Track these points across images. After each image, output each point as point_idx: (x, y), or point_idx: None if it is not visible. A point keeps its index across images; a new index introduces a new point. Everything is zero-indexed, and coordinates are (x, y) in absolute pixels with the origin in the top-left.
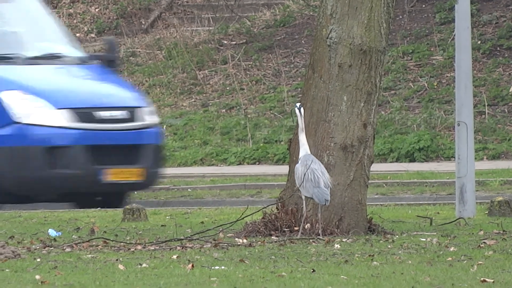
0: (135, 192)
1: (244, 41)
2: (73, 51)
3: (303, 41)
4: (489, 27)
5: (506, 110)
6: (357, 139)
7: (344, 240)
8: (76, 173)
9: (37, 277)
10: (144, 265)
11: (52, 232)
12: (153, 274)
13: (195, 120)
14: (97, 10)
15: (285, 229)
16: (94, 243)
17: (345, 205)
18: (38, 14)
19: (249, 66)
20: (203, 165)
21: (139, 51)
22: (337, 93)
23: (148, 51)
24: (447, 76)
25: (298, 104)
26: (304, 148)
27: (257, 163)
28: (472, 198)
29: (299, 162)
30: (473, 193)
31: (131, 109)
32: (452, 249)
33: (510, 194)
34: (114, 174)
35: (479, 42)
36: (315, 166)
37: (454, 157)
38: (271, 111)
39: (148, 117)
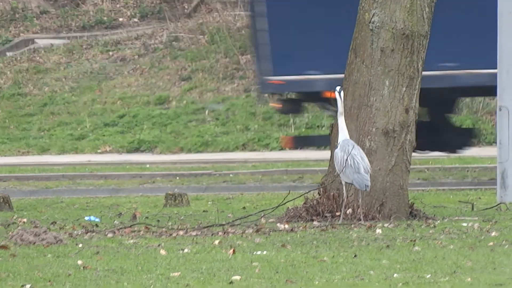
0: None
1: None
2: None
3: None
4: None
5: None
6: (398, 124)
7: (385, 225)
8: None
9: (79, 262)
10: (186, 250)
11: (91, 218)
12: (195, 259)
13: (237, 105)
14: None
15: (327, 214)
16: (136, 228)
17: (386, 190)
18: None
19: None
20: (245, 150)
21: (182, 35)
22: (379, 78)
23: (190, 35)
24: None
25: (338, 88)
26: (343, 133)
27: (299, 148)
28: None
29: (338, 147)
30: None
31: None
32: (493, 234)
33: None
34: None
35: None
36: (354, 152)
37: (496, 142)
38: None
39: None
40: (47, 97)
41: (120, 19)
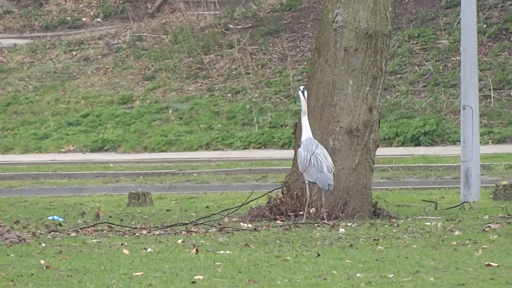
0: None
1: (250, 25)
2: None
3: (309, 25)
4: (495, 11)
5: (511, 94)
6: (362, 123)
7: (349, 224)
8: None
9: (42, 261)
10: (149, 249)
11: (54, 217)
12: (158, 259)
13: (200, 104)
14: None
15: (290, 214)
16: (99, 227)
17: (350, 189)
18: None
19: (255, 50)
20: (208, 150)
21: (145, 35)
22: (343, 77)
23: (154, 35)
24: (452, 60)
25: (301, 87)
26: (306, 132)
27: (263, 147)
28: (477, 182)
29: (301, 146)
30: (478, 177)
31: None
32: (457, 233)
33: None
34: None
35: (484, 25)
36: (318, 151)
37: (460, 141)
38: (277, 95)
39: None
40: (10, 96)
41: (83, 19)
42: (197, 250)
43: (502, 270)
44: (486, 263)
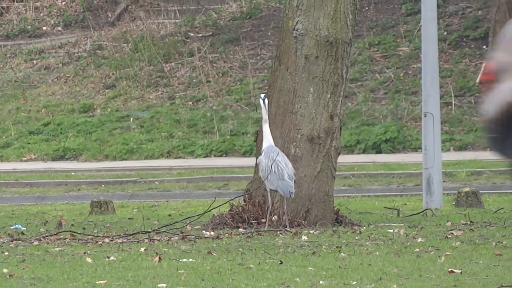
0: None
1: (211, 33)
2: None
3: (269, 33)
4: (455, 18)
5: (473, 101)
6: (324, 131)
7: (311, 231)
8: None
9: (5, 270)
10: (112, 258)
11: (17, 226)
12: (121, 267)
13: (161, 112)
14: (63, 3)
15: (253, 221)
16: (61, 236)
17: (312, 197)
18: None
19: (216, 58)
20: (170, 158)
21: (106, 44)
22: (304, 85)
23: (114, 44)
24: (413, 67)
25: (262, 95)
26: (267, 139)
27: (224, 155)
28: (439, 189)
29: (262, 154)
30: (440, 184)
31: None
32: (419, 240)
33: (477, 184)
34: None
35: (445, 33)
36: (279, 158)
37: (421, 148)
38: (238, 103)
39: None
40: None
41: (44, 28)
42: (160, 258)
43: (465, 276)
44: (449, 269)
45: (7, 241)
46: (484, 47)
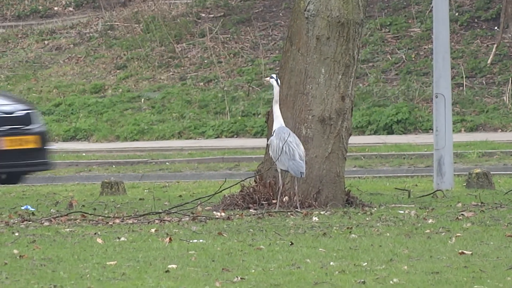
0: None
1: (222, 14)
2: None
3: (281, 14)
4: None
5: (484, 82)
6: (335, 112)
7: (322, 212)
8: None
9: (15, 251)
10: (122, 238)
11: (27, 207)
12: (132, 248)
13: (173, 93)
14: None
15: (263, 202)
16: (72, 217)
17: (323, 178)
18: None
19: (227, 39)
20: (181, 139)
21: (117, 24)
22: (315, 66)
23: (126, 24)
24: (425, 48)
25: (274, 76)
26: (278, 121)
27: (235, 136)
28: (450, 170)
29: (274, 134)
30: (451, 165)
31: None
32: (430, 221)
33: (488, 166)
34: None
35: (456, 14)
36: (290, 139)
37: (432, 129)
38: (249, 84)
39: None
40: None
41: (55, 8)
42: (170, 239)
43: (475, 258)
44: (460, 251)
45: (18, 222)
46: (496, 28)
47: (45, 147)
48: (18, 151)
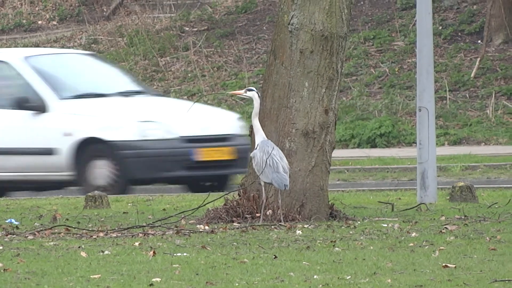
0: None
1: (206, 27)
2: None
3: (264, 27)
4: (450, 13)
5: (467, 96)
6: (318, 125)
7: (305, 226)
8: None
9: (0, 264)
10: (106, 252)
11: (11, 220)
12: (116, 261)
13: None
14: None
15: (247, 216)
16: (56, 230)
17: (306, 191)
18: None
19: (211, 52)
20: None
21: (101, 38)
22: (299, 79)
23: (110, 38)
24: (408, 61)
25: (255, 89)
26: (260, 134)
27: None
28: (433, 183)
29: (257, 148)
30: (435, 179)
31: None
32: (413, 234)
33: (471, 179)
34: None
35: (440, 27)
36: (274, 152)
37: (416, 143)
38: (233, 98)
39: None
40: None
41: (39, 22)
42: (154, 252)
43: (459, 271)
44: (443, 264)
45: (2, 235)
46: (479, 41)
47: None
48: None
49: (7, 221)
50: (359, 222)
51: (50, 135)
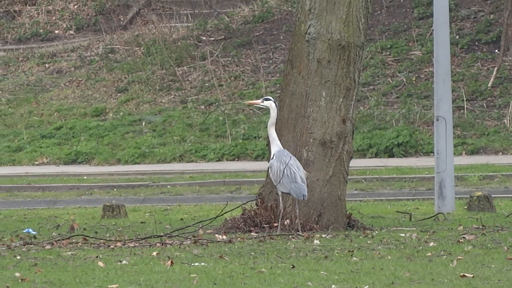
0: None
1: (223, 37)
2: None
3: (281, 37)
4: (467, 22)
5: (485, 105)
6: (336, 135)
7: (323, 235)
8: None
9: (17, 274)
10: (124, 262)
11: (29, 230)
12: (133, 271)
13: (174, 116)
14: (76, 6)
15: (265, 225)
16: (74, 240)
17: (324, 201)
18: None
19: (228, 62)
20: (182, 162)
21: (118, 47)
22: (316, 89)
23: (127, 47)
24: (425, 71)
25: (272, 98)
26: (276, 143)
27: (236, 159)
28: (451, 193)
29: (274, 158)
30: (452, 188)
31: None
32: (431, 244)
33: (489, 189)
34: None
35: (457, 36)
36: (291, 162)
37: (433, 152)
38: (250, 107)
39: None
40: None
41: (56, 32)
42: (172, 262)
43: (477, 281)
44: (461, 274)
45: (19, 245)
46: (496, 51)
47: None
48: None
49: (24, 231)
50: (376, 231)
51: None
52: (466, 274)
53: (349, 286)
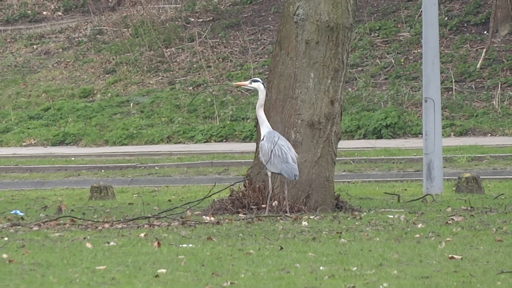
0: None
1: (211, 18)
2: None
3: (270, 18)
4: (456, 3)
5: (473, 87)
6: (324, 116)
7: (311, 217)
8: None
9: (5, 255)
10: (111, 243)
11: (16, 212)
12: (121, 252)
13: (161, 97)
14: None
15: (253, 207)
16: (61, 221)
17: (312, 182)
18: None
19: (216, 43)
20: (170, 143)
21: (106, 29)
22: (304, 70)
23: (115, 29)
24: (414, 52)
25: (260, 80)
26: (265, 125)
27: (224, 140)
28: (439, 174)
29: (264, 139)
30: (441, 170)
31: None
32: (419, 225)
33: (478, 170)
34: None
35: (446, 18)
36: (281, 142)
37: (422, 134)
38: (238, 89)
39: None
40: None
41: (44, 13)
42: (159, 243)
43: (465, 262)
44: (450, 255)
45: (7, 227)
46: (485, 32)
47: None
48: None
49: (12, 212)
50: (365, 213)
51: None
52: (455, 256)
53: (337, 267)
